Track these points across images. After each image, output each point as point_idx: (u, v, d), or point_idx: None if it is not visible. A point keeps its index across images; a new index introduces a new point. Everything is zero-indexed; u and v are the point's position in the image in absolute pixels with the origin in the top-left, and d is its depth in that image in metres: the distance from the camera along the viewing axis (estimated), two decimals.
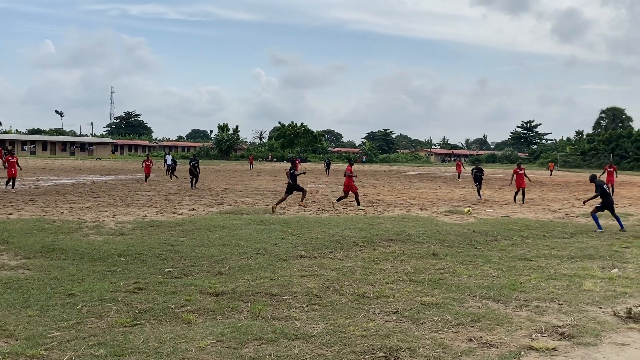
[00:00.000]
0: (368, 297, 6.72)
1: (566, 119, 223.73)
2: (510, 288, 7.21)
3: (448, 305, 6.36)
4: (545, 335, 5.46)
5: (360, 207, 17.15)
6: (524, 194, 20.66)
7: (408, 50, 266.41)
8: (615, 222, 13.38)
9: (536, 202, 21.04)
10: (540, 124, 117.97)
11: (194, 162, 25.17)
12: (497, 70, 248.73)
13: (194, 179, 24.95)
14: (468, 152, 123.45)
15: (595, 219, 13.16)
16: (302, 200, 17.59)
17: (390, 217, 15.00)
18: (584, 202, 15.40)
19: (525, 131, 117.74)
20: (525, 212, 17.07)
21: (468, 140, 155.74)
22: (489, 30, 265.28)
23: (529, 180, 21.38)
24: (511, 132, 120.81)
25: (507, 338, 5.33)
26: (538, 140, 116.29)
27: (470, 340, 5.26)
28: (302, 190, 17.27)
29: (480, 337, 5.33)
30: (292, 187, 17.01)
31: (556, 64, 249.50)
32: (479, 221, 14.44)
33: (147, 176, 28.78)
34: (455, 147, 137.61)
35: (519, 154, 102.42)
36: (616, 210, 13.83)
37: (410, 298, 6.68)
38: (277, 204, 16.08)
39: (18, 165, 21.96)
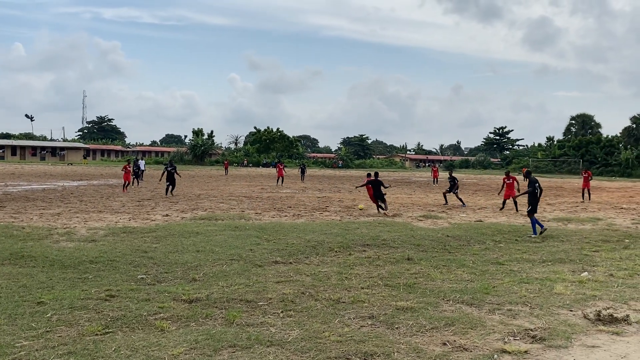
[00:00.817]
0: (343, 302, 6.73)
1: (538, 126, 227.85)
2: (483, 292, 7.30)
3: (422, 310, 6.41)
4: (518, 338, 5.54)
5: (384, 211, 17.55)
6: (515, 203, 19.42)
7: (384, 56, 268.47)
8: (582, 227, 13.63)
9: (508, 207, 21.38)
10: (512, 130, 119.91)
11: (170, 168, 23.29)
12: (471, 77, 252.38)
13: (171, 186, 23.10)
14: (442, 158, 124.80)
15: (533, 223, 13.20)
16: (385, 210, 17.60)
17: (366, 222, 15.06)
18: (515, 198, 15.73)
19: (497, 137, 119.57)
20: (497, 217, 17.33)
21: (442, 146, 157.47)
22: (462, 38, 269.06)
23: (518, 190, 19.28)
24: (484, 138, 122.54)
25: (481, 341, 5.39)
26: (510, 146, 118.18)
27: (445, 344, 5.30)
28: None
29: (454, 340, 5.38)
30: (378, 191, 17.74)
31: (528, 71, 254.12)
32: (453, 226, 14.61)
33: (126, 184, 26.27)
34: (430, 152, 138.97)
35: (492, 159, 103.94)
36: (585, 215, 14.13)
37: (386, 303, 6.71)
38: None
39: None
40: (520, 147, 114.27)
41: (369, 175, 19.00)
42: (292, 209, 18.48)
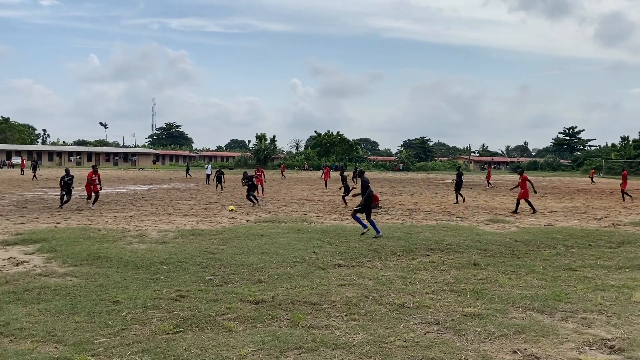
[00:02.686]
0: (408, 307, 6.65)
1: (611, 125, 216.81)
2: (555, 299, 7.00)
3: (491, 316, 6.22)
4: (594, 348, 5.28)
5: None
6: (517, 204, 19.18)
7: (446, 57, 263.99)
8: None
9: (581, 211, 20.43)
10: (583, 130, 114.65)
11: (218, 173, 31.50)
12: (538, 76, 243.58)
13: (219, 185, 30.83)
14: (508, 159, 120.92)
15: (357, 220, 12.71)
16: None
17: (429, 225, 14.82)
18: (353, 195, 15.08)
19: (567, 137, 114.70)
20: (569, 221, 16.59)
21: (508, 147, 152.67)
22: (529, 36, 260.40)
23: (535, 192, 19.12)
24: (553, 139, 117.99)
25: (553, 350, 5.17)
26: (581, 147, 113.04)
27: (515, 352, 5.13)
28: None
29: (525, 349, 5.19)
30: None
31: (600, 68, 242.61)
32: (522, 230, 14.11)
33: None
34: (495, 154, 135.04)
35: (562, 160, 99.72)
36: None
37: (452, 309, 6.57)
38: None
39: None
40: (592, 148, 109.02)
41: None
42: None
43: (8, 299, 6.70)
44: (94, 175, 19.50)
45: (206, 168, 40.59)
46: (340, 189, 23.33)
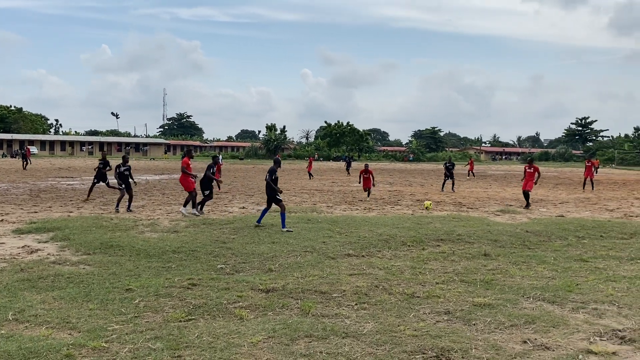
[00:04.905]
0: (418, 297, 6.67)
1: (626, 115, 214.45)
2: (566, 290, 6.99)
3: (501, 306, 6.23)
4: (605, 338, 5.27)
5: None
6: (527, 197, 17.60)
7: (459, 47, 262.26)
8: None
9: (592, 202, 20.29)
10: (596, 121, 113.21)
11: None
12: (551, 66, 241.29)
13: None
14: (520, 150, 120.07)
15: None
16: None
17: (440, 216, 14.79)
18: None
19: (580, 128, 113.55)
20: (580, 212, 16.48)
21: (520, 137, 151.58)
22: (542, 25, 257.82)
23: (535, 183, 17.54)
24: (565, 129, 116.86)
25: (564, 341, 5.17)
26: (594, 138, 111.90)
27: (525, 342, 5.13)
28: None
29: (535, 339, 5.20)
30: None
31: (615, 58, 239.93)
32: (532, 221, 14.05)
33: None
34: (507, 144, 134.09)
35: (574, 151, 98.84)
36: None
37: (462, 299, 6.58)
38: None
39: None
40: (605, 139, 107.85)
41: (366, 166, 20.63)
42: (363, 203, 18.47)
43: (23, 287, 6.81)
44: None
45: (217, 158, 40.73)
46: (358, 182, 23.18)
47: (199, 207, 14.61)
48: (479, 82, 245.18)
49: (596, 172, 37.33)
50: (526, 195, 17.52)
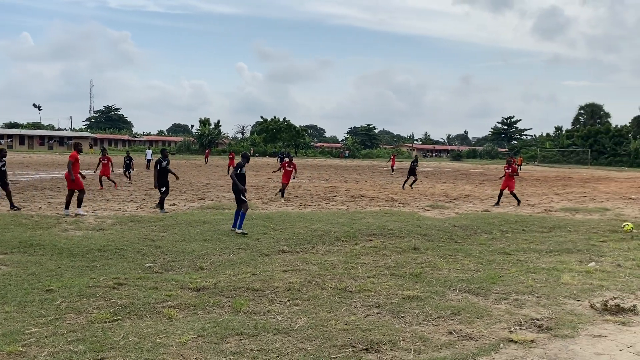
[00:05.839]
0: (350, 291, 6.75)
1: (547, 115, 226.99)
2: (489, 281, 7.30)
3: (429, 299, 6.42)
4: (524, 327, 5.54)
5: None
6: (514, 196, 17.98)
7: (393, 46, 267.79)
8: (590, 217, 13.55)
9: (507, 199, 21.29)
10: (520, 120, 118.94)
11: (126, 160, 25.93)
12: (480, 67, 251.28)
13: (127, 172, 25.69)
14: (449, 148, 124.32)
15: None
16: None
17: (373, 212, 15.06)
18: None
19: (505, 127, 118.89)
20: (505, 207, 17.27)
21: (449, 135, 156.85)
22: (472, 27, 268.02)
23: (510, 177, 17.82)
24: (492, 128, 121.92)
25: (487, 331, 5.40)
26: (518, 136, 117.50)
27: (450, 333, 5.31)
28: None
29: (460, 330, 5.39)
30: None
31: (539, 60, 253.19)
32: (460, 216, 14.58)
33: (102, 179, 21.55)
34: (437, 142, 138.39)
35: (499, 149, 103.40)
36: (593, 205, 14.01)
37: (392, 292, 6.72)
38: None
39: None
40: (528, 137, 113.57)
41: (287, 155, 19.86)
42: (299, 199, 18.50)
43: None
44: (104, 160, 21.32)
45: (147, 153, 39.51)
46: (273, 172, 23.25)
47: (160, 206, 14.09)
48: (412, 81, 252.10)
49: (520, 169, 39.22)
50: (513, 195, 17.87)
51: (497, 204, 17.82)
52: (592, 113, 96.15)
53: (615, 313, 5.95)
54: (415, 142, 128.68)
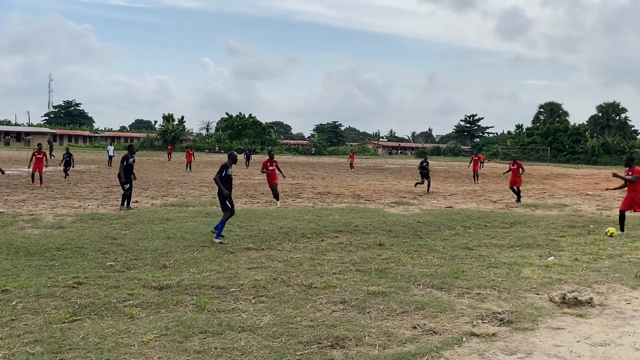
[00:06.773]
0: (315, 287, 6.74)
1: (509, 114, 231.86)
2: (453, 276, 7.41)
3: (393, 294, 6.47)
4: (486, 321, 5.65)
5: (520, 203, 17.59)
6: (518, 192, 18.52)
7: (360, 43, 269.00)
8: (549, 213, 13.90)
9: (478, 194, 21.73)
10: (482, 118, 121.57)
11: (66, 156, 24.91)
12: (445, 65, 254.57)
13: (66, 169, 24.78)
14: (414, 145, 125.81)
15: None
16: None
17: (339, 208, 15.10)
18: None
19: (468, 125, 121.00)
20: (467, 203, 17.59)
21: (414, 133, 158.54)
22: (437, 26, 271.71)
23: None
24: (455, 126, 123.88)
25: (450, 325, 5.48)
26: (480, 134, 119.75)
27: (415, 327, 5.37)
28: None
29: (424, 324, 5.45)
30: None
31: (501, 60, 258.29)
32: (424, 212, 14.77)
33: (35, 175, 20.56)
34: (402, 139, 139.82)
35: (462, 146, 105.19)
36: (552, 201, 14.40)
37: (357, 288, 6.75)
38: None
39: None
40: (490, 135, 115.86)
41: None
42: (265, 196, 18.40)
43: None
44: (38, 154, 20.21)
45: (108, 150, 38.64)
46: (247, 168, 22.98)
47: (123, 203, 13.74)
48: (378, 79, 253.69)
49: (482, 166, 40.10)
50: (516, 190, 18.53)
51: (518, 200, 18.27)
52: (552, 112, 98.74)
53: (573, 306, 6.13)
54: (380, 139, 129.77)
